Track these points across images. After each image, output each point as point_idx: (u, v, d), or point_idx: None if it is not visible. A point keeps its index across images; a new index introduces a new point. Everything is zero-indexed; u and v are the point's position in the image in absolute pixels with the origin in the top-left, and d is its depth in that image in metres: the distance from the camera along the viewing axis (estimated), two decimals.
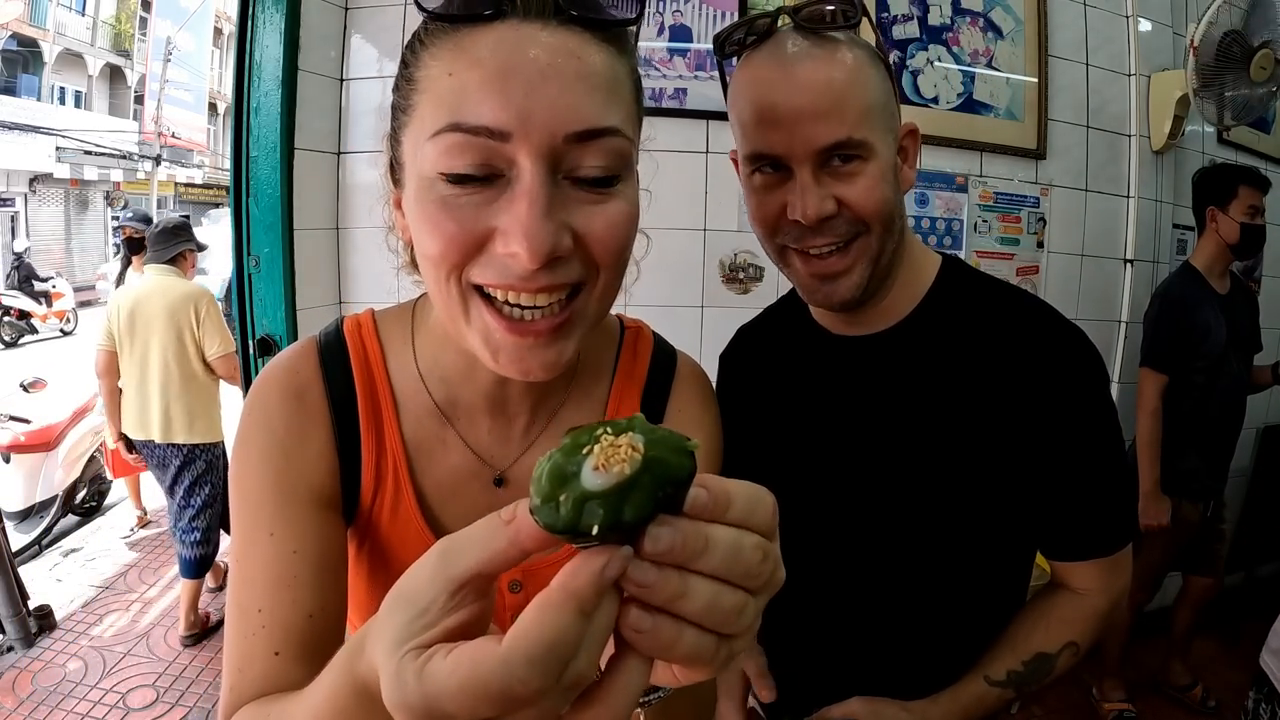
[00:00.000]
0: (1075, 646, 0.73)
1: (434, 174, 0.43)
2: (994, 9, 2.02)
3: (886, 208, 0.68)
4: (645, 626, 0.27)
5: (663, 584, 0.27)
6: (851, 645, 0.78)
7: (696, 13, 1.85)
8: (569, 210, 0.43)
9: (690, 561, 0.27)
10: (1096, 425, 0.70)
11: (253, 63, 1.68)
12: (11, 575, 2.53)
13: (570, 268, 0.44)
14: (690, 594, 0.27)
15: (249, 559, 0.52)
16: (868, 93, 0.66)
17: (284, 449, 0.53)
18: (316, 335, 0.59)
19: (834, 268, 0.69)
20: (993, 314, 0.72)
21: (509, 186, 0.42)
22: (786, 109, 0.65)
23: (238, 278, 1.74)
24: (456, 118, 0.41)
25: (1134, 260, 2.22)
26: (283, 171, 1.68)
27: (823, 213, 0.66)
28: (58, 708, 2.21)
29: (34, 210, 13.59)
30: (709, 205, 1.87)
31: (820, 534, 0.76)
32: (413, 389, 0.58)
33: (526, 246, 0.40)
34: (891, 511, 0.73)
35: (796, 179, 0.67)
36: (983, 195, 2.05)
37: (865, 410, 0.75)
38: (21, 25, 12.95)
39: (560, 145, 0.42)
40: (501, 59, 0.41)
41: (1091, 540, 0.73)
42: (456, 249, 0.43)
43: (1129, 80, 2.18)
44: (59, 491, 3.48)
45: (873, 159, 0.66)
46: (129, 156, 15.31)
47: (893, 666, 0.75)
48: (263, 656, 0.49)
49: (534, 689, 0.25)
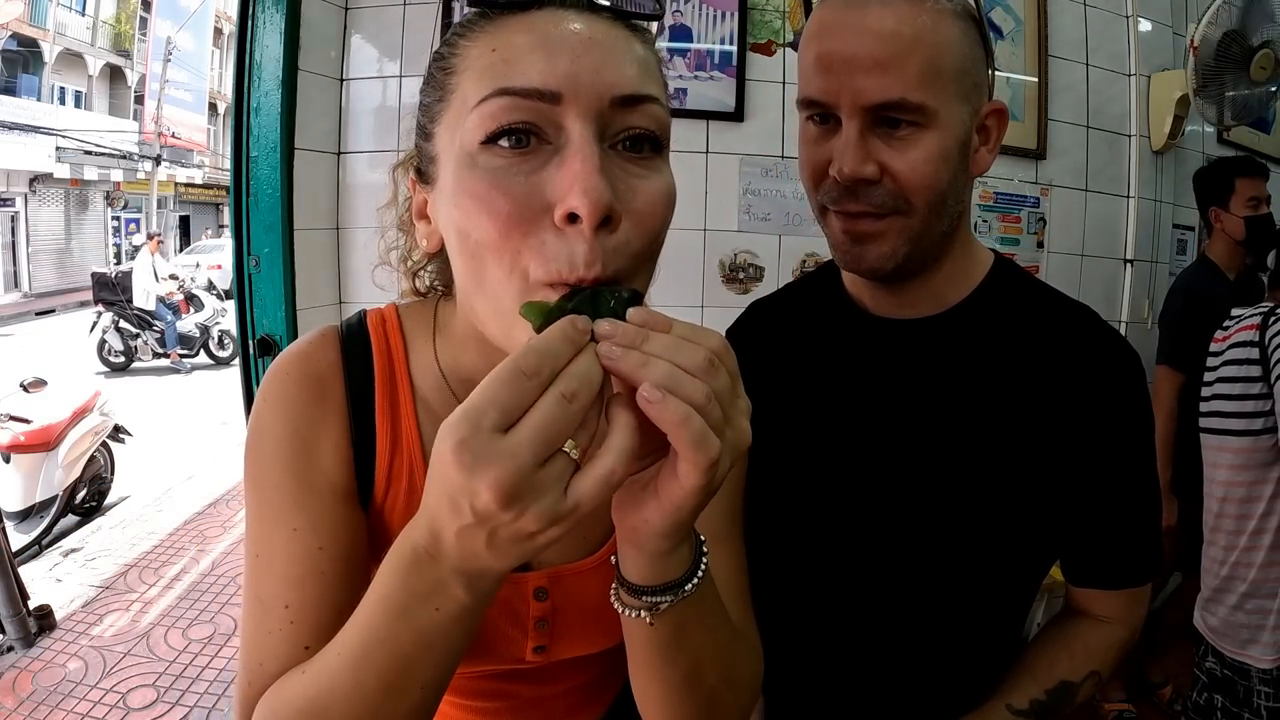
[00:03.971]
0: (1098, 675, 0.71)
1: (476, 145, 0.41)
2: (994, 9, 2.02)
3: (937, 187, 0.61)
4: (616, 355, 0.35)
5: (627, 357, 0.35)
6: (862, 652, 0.75)
7: (696, 13, 1.85)
8: (615, 179, 0.41)
9: (635, 343, 0.35)
10: (1136, 448, 0.67)
11: (253, 63, 1.67)
12: (11, 575, 2.53)
13: (620, 255, 0.41)
14: (650, 364, 0.34)
15: (270, 553, 0.51)
16: (940, 53, 0.58)
17: (302, 439, 0.52)
18: (338, 324, 0.58)
19: (866, 229, 0.63)
20: (1042, 317, 0.69)
21: (556, 154, 0.41)
22: (841, 55, 0.59)
23: (238, 278, 1.74)
24: (504, 83, 0.41)
25: (1134, 260, 2.22)
26: (283, 171, 1.67)
27: (860, 174, 0.60)
28: (58, 708, 2.21)
29: (34, 210, 13.58)
30: (709, 205, 1.87)
31: (836, 523, 0.73)
32: (434, 386, 0.56)
33: (585, 200, 0.38)
34: (913, 503, 0.69)
35: (842, 133, 0.61)
36: (983, 195, 2.05)
37: (900, 396, 0.71)
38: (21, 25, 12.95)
39: (607, 110, 0.41)
40: (547, 30, 0.42)
41: (1121, 570, 0.70)
42: (511, 226, 0.40)
43: (1129, 80, 2.18)
44: (59, 491, 3.49)
45: (933, 128, 0.59)
46: (129, 156, 15.31)
47: (903, 682, 0.73)
48: (291, 652, 0.49)
49: (533, 368, 0.33)
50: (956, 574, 0.70)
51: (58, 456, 3.45)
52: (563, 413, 0.32)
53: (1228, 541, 1.45)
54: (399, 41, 1.80)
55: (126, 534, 3.55)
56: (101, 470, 3.92)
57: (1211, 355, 1.54)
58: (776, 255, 1.92)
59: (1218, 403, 1.48)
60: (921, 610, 0.71)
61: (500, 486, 0.31)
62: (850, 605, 0.74)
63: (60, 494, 3.50)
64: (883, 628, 0.73)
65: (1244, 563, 1.42)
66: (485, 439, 0.31)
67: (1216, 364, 1.50)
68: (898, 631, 0.73)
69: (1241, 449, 1.41)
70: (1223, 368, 1.47)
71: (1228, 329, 1.50)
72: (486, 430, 0.31)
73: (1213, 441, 1.50)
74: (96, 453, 3.81)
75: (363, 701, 0.41)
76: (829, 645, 0.77)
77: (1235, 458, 1.43)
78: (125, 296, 7.80)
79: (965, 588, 0.70)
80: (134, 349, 7.88)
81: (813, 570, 0.75)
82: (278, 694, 0.47)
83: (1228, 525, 1.45)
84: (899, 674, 0.73)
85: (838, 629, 0.76)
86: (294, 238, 1.71)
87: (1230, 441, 1.43)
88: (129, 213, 16.32)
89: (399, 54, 1.81)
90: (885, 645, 0.73)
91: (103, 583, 3.05)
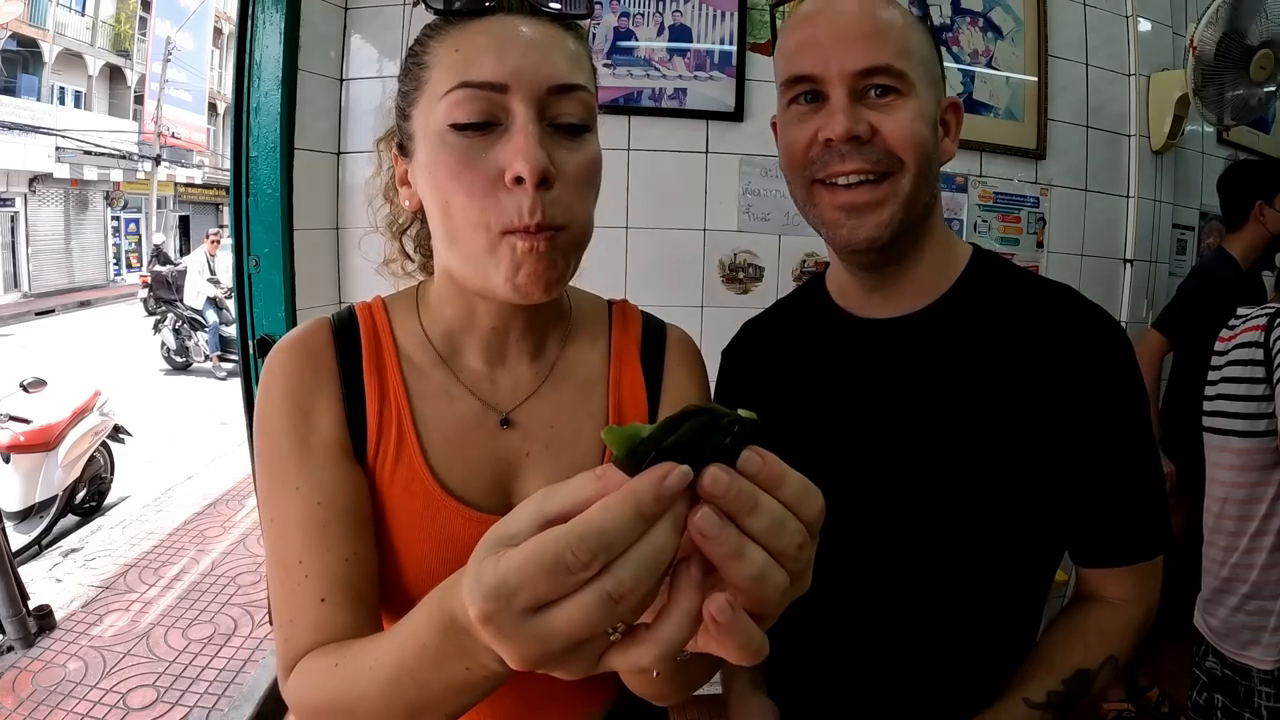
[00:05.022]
0: (1115, 661, 0.69)
1: (444, 127, 0.52)
2: (994, 9, 2.02)
3: (925, 146, 0.65)
4: (713, 534, 0.29)
5: (724, 538, 0.29)
6: (873, 652, 0.74)
7: (696, 13, 1.85)
8: (551, 150, 0.52)
9: (740, 514, 0.30)
10: (1131, 420, 0.68)
11: (253, 63, 1.67)
12: (11, 575, 2.53)
13: (556, 206, 0.52)
14: (745, 557, 0.30)
15: (282, 515, 0.56)
16: (911, 37, 0.66)
17: (299, 405, 0.58)
18: (329, 314, 0.65)
19: (862, 198, 0.66)
20: (1025, 301, 0.70)
21: (506, 133, 0.52)
22: (827, 32, 0.66)
23: (238, 278, 1.74)
24: (464, 77, 0.52)
25: (1133, 260, 2.22)
26: (283, 171, 1.67)
27: (855, 130, 0.64)
28: (58, 708, 2.21)
29: (34, 210, 13.58)
30: (709, 205, 1.87)
31: (839, 528, 0.72)
32: (417, 343, 0.63)
33: (526, 166, 0.50)
34: (915, 501, 0.69)
35: (830, 103, 0.65)
36: (982, 195, 2.05)
37: (889, 395, 0.71)
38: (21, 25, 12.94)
39: (545, 96, 0.52)
40: (497, 35, 0.53)
41: (1128, 545, 0.69)
42: (474, 190, 0.52)
43: (1129, 80, 2.18)
44: (59, 491, 3.49)
45: (912, 96, 0.65)
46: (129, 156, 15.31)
47: (916, 679, 0.72)
48: (310, 605, 0.53)
49: (581, 563, 0.28)
50: (966, 568, 0.69)
51: (58, 456, 3.45)
52: (602, 614, 0.29)
53: (1228, 543, 1.45)
54: (399, 41, 1.80)
55: (126, 534, 3.55)
56: (101, 470, 3.92)
57: (1216, 355, 1.53)
58: (776, 255, 1.93)
59: (1222, 403, 1.47)
60: (933, 607, 0.71)
61: (525, 661, 0.31)
62: (862, 604, 0.74)
63: (60, 494, 3.50)
64: (895, 626, 0.72)
65: (1245, 564, 1.42)
66: (513, 620, 0.30)
67: (1221, 364, 1.49)
68: (910, 629, 0.72)
69: (1244, 450, 1.40)
70: (1227, 368, 1.46)
71: (1234, 328, 1.49)
72: (516, 611, 0.30)
73: (1216, 442, 1.49)
74: (96, 453, 3.81)
75: (392, 716, 0.45)
76: (840, 646, 0.76)
77: (1238, 459, 1.42)
78: (179, 296, 7.73)
79: (976, 582, 0.70)
80: (189, 349, 7.80)
81: (822, 573, 0.75)
82: (310, 679, 0.51)
83: (1228, 526, 1.45)
84: (911, 674, 0.73)
85: (849, 629, 0.75)
86: (294, 238, 1.71)
87: (1233, 442, 1.43)
88: (129, 213, 16.33)
89: (399, 54, 1.81)
90: (896, 644, 0.73)
91: (103, 583, 3.04)
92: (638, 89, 1.84)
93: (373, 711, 0.45)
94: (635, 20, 1.84)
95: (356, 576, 0.55)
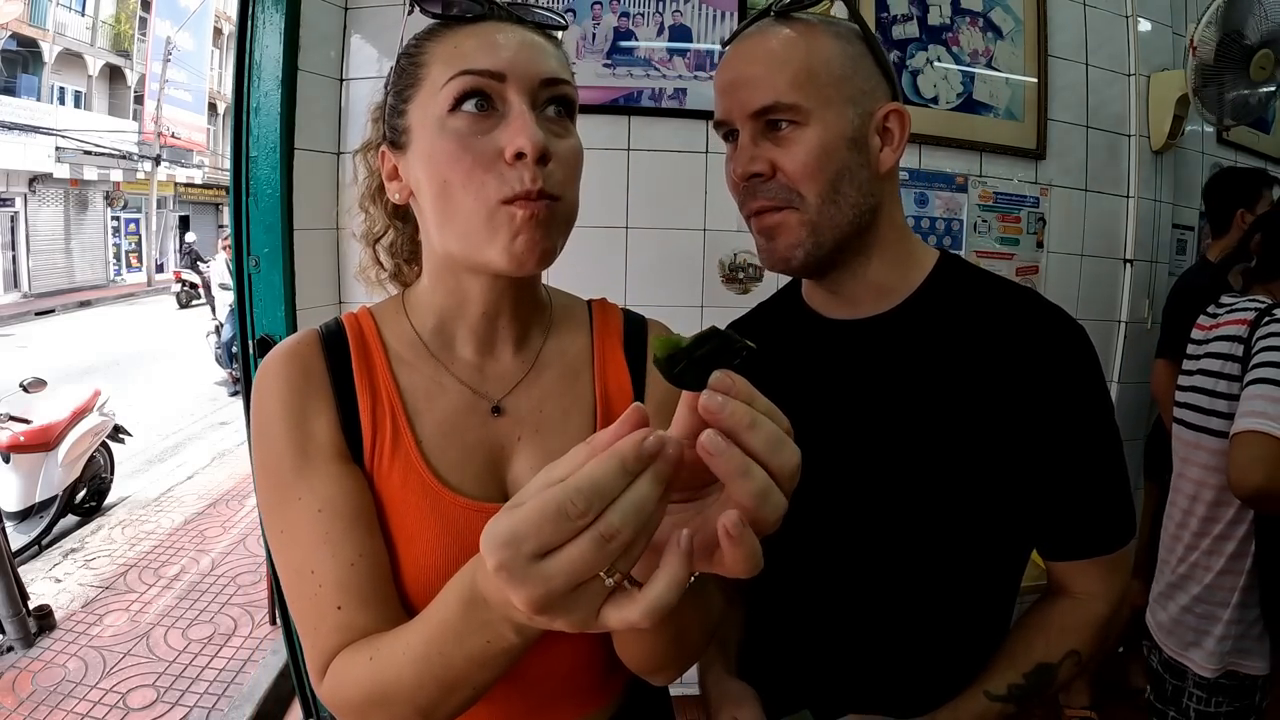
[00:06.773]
0: (1077, 655, 0.71)
1: (446, 113, 0.56)
2: (994, 9, 2.02)
3: (823, 177, 0.68)
4: (718, 449, 0.34)
5: (729, 454, 0.34)
6: (844, 646, 0.76)
7: (696, 13, 1.85)
8: (544, 132, 0.56)
9: (738, 431, 0.35)
10: (1093, 416, 0.70)
11: (253, 63, 1.67)
12: (11, 575, 2.53)
13: (552, 179, 0.56)
14: (750, 474, 0.34)
15: (291, 526, 0.57)
16: (810, 61, 0.68)
17: (295, 414, 0.59)
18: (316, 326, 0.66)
19: (769, 223, 0.71)
20: (989, 303, 0.72)
21: (504, 119, 0.56)
22: (727, 77, 0.71)
23: (238, 278, 1.74)
24: (465, 66, 0.56)
25: (1133, 260, 2.22)
26: (283, 171, 1.67)
27: (749, 171, 0.69)
28: (58, 708, 2.21)
29: (34, 210, 13.58)
30: (709, 205, 1.87)
31: (812, 523, 0.74)
32: (406, 342, 0.65)
33: (529, 143, 0.54)
34: (885, 496, 0.71)
35: (739, 143, 0.71)
36: (982, 195, 2.05)
37: (858, 393, 0.74)
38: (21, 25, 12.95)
39: (537, 87, 0.57)
40: (492, 35, 0.58)
41: (1091, 537, 0.71)
42: (475, 166, 0.55)
43: (1129, 80, 2.18)
44: (59, 491, 3.49)
45: (810, 125, 0.67)
46: (129, 156, 15.31)
47: (886, 672, 0.74)
48: (330, 611, 0.55)
49: (579, 510, 0.33)
50: (934, 562, 0.71)
51: (57, 456, 3.45)
52: (596, 553, 0.34)
53: (1190, 541, 1.39)
54: (399, 41, 1.80)
55: (126, 534, 3.56)
56: (101, 470, 3.92)
57: (1194, 344, 1.45)
58: None
59: (1195, 395, 1.40)
60: (902, 600, 0.73)
61: (533, 603, 0.35)
62: (833, 596, 0.76)
63: (60, 494, 3.50)
64: (865, 619, 0.74)
65: (1203, 565, 1.37)
66: (523, 564, 0.34)
67: (1199, 353, 1.42)
68: (880, 623, 0.74)
69: (1217, 450, 1.33)
70: (1205, 359, 1.39)
71: (1216, 316, 1.42)
72: (525, 556, 0.34)
73: (1187, 436, 1.42)
74: (96, 453, 3.81)
75: (424, 694, 0.49)
76: (811, 639, 0.78)
77: (1210, 458, 1.35)
78: (212, 304, 7.22)
79: (944, 575, 0.71)
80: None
81: (795, 566, 0.76)
82: (345, 677, 0.53)
83: (1193, 525, 1.39)
84: (881, 665, 0.74)
85: (821, 621, 0.77)
86: (294, 238, 1.71)
87: (1205, 440, 1.36)
88: (129, 213, 16.33)
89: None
90: (867, 637, 0.75)
91: (103, 583, 3.05)
92: (638, 89, 1.84)
93: (409, 692, 0.49)
94: (635, 20, 1.84)
95: (367, 577, 0.56)
